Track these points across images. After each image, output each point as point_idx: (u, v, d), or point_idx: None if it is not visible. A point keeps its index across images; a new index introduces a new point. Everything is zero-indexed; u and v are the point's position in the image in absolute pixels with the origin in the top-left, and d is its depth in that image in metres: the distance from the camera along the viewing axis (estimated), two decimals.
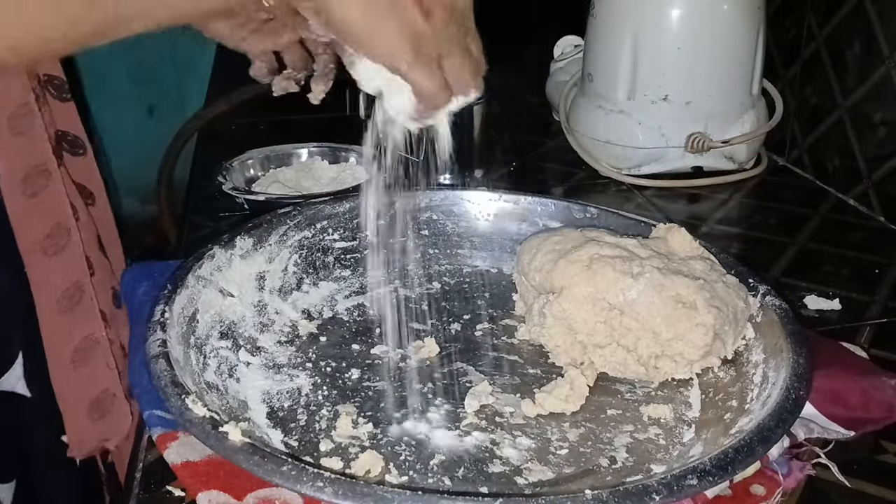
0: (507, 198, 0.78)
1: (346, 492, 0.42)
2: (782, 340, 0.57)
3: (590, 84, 1.03)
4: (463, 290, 0.74)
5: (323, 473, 0.43)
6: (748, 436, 0.48)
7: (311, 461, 0.52)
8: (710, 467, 0.45)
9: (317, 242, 0.74)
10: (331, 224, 0.75)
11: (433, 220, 0.78)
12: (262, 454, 0.44)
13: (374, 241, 0.72)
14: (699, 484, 0.44)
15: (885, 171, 0.90)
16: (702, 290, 0.59)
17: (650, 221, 0.71)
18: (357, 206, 0.75)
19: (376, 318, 0.69)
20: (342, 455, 0.53)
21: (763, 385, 0.55)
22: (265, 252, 0.70)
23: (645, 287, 0.59)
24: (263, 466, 0.44)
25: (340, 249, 0.75)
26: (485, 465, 0.52)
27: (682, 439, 0.55)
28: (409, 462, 0.52)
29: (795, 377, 0.52)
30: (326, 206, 0.75)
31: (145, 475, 0.54)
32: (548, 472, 0.52)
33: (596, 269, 0.60)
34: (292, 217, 0.73)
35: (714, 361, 0.60)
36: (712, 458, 0.46)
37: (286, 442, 0.54)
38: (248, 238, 0.69)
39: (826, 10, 0.97)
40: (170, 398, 0.49)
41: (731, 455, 0.46)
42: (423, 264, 0.77)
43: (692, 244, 0.65)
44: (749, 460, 0.47)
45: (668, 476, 0.44)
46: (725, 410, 0.55)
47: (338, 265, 0.75)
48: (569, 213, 0.76)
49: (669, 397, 0.59)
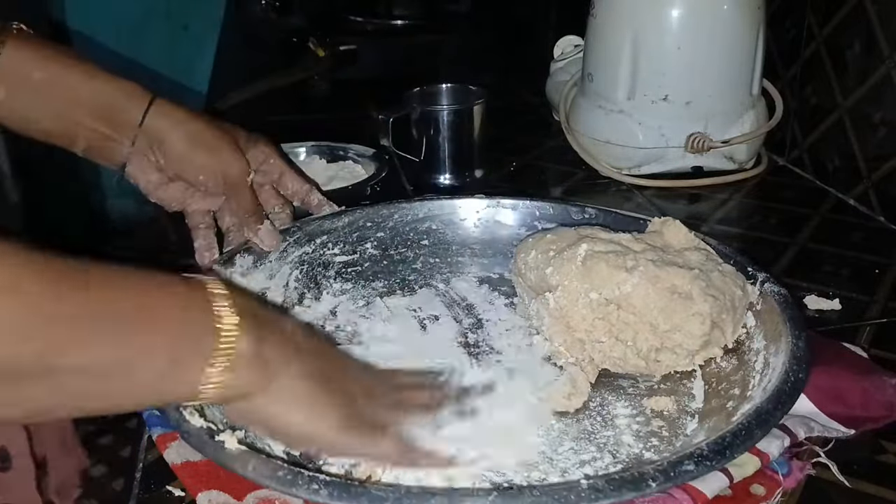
0: (504, 203, 0.78)
1: (342, 493, 0.42)
2: (781, 325, 0.57)
3: (590, 84, 1.03)
4: (467, 295, 0.74)
5: (318, 476, 0.43)
6: (746, 419, 0.47)
7: (312, 466, 0.52)
8: (707, 452, 0.44)
9: (317, 258, 0.74)
10: (330, 239, 0.75)
11: (433, 230, 0.78)
12: (257, 460, 0.44)
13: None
14: (696, 469, 0.44)
15: (885, 171, 0.90)
16: (697, 280, 0.59)
17: (649, 218, 0.71)
18: (356, 220, 0.75)
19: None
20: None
21: (764, 371, 0.55)
22: (265, 269, 0.70)
23: (640, 280, 0.59)
24: (259, 472, 0.44)
25: (341, 263, 0.75)
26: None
27: (686, 430, 0.56)
28: None
29: (794, 360, 0.53)
30: (325, 222, 0.75)
31: (145, 475, 0.54)
32: (550, 469, 0.52)
33: (590, 265, 0.60)
34: (292, 233, 0.72)
35: (716, 352, 0.60)
36: (709, 442, 0.45)
37: (288, 452, 0.53)
38: (247, 256, 0.69)
39: (826, 10, 0.97)
40: (168, 411, 0.49)
41: (729, 439, 0.46)
42: (423, 274, 0.77)
43: (687, 236, 0.65)
44: (747, 444, 0.46)
45: (664, 462, 0.44)
46: (728, 399, 0.56)
47: (339, 279, 0.75)
48: (567, 215, 0.76)
49: (672, 389, 0.60)
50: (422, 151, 0.99)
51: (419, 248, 0.78)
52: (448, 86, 1.03)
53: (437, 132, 0.98)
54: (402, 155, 1.00)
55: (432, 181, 1.00)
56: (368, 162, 0.97)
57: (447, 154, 0.99)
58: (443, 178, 1.00)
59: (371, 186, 0.91)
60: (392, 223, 0.77)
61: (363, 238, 0.76)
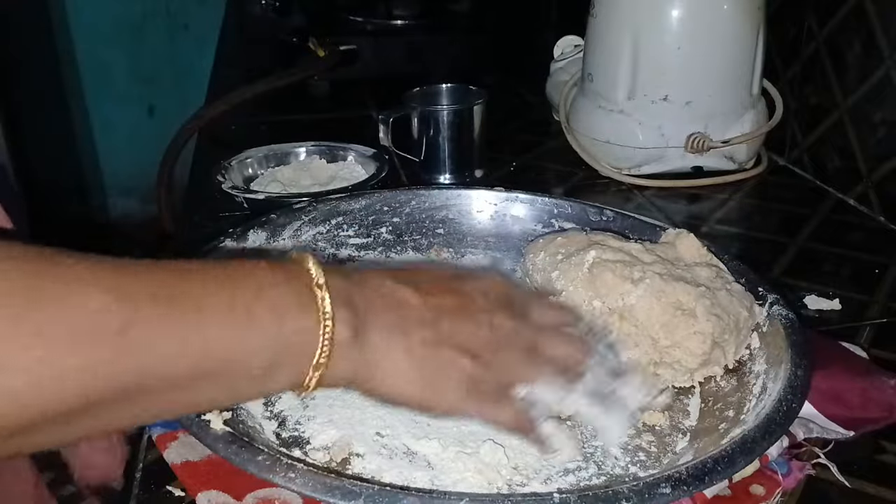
0: (522, 198, 0.78)
1: (316, 484, 0.42)
2: (784, 351, 0.56)
3: (590, 84, 1.03)
4: None
5: (295, 465, 0.43)
6: (731, 446, 0.46)
7: (300, 454, 0.52)
8: (685, 476, 0.44)
9: (331, 238, 0.74)
10: (346, 220, 0.75)
11: (449, 219, 0.78)
12: (240, 444, 0.45)
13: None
14: (672, 493, 0.43)
15: (885, 171, 0.90)
16: (702, 298, 0.58)
17: (666, 225, 0.71)
18: (372, 204, 0.75)
19: None
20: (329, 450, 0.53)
21: (761, 396, 0.54)
22: (278, 247, 0.69)
23: (644, 293, 0.58)
24: (240, 455, 0.44)
25: (354, 245, 0.75)
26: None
27: (675, 448, 0.55)
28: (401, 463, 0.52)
29: (790, 388, 0.51)
30: (342, 203, 0.75)
31: (145, 475, 0.54)
32: (532, 475, 0.51)
33: (596, 272, 0.60)
34: (307, 213, 0.72)
35: (716, 370, 0.59)
36: (689, 466, 0.44)
37: (278, 433, 0.55)
38: (261, 232, 0.69)
39: (826, 10, 0.97)
40: None
41: (710, 465, 0.45)
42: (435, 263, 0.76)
43: (700, 250, 0.64)
44: (729, 471, 0.46)
45: (639, 483, 0.43)
46: (722, 420, 0.55)
47: (350, 262, 0.74)
48: (584, 215, 0.75)
49: (668, 405, 0.59)
50: (422, 151, 0.99)
51: (433, 237, 0.78)
52: (448, 86, 1.03)
53: (437, 132, 0.98)
54: (402, 155, 1.00)
55: (432, 181, 1.00)
56: (368, 162, 0.97)
57: (447, 154, 0.99)
58: (443, 178, 1.00)
59: (371, 187, 0.91)
60: (409, 209, 0.77)
61: (379, 222, 0.76)
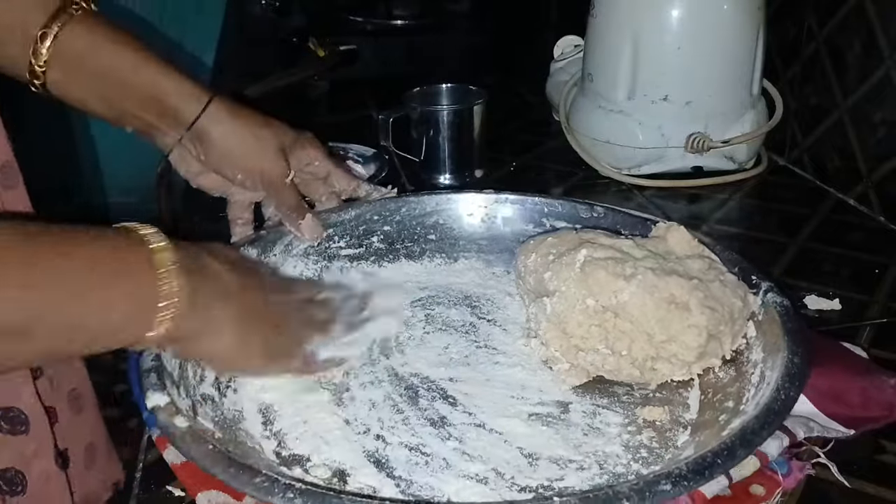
0: (512, 199, 0.78)
1: (308, 500, 0.42)
2: (780, 339, 0.56)
3: (590, 84, 1.03)
4: (467, 294, 0.73)
5: (294, 485, 0.43)
6: (730, 439, 0.46)
7: (300, 471, 0.52)
8: (685, 472, 0.43)
9: (323, 251, 0.74)
10: (337, 232, 0.74)
11: (440, 225, 0.78)
12: (238, 466, 0.45)
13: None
14: (673, 490, 0.43)
15: (885, 171, 0.90)
16: (695, 291, 0.58)
17: (657, 219, 0.71)
18: (362, 213, 0.75)
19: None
20: (329, 466, 0.53)
21: (759, 385, 0.54)
22: (270, 262, 0.69)
23: (637, 289, 0.58)
24: (238, 479, 0.44)
25: (347, 257, 0.75)
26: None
27: (677, 442, 0.54)
28: (403, 473, 0.52)
29: (787, 377, 0.52)
30: (332, 214, 0.75)
31: (145, 475, 0.54)
32: (533, 474, 0.51)
33: (588, 271, 0.59)
34: None
35: (714, 362, 0.59)
36: (689, 462, 0.44)
37: (278, 452, 0.54)
38: (251, 249, 0.69)
39: (826, 10, 0.97)
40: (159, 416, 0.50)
41: (710, 459, 0.45)
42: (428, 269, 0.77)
43: (691, 243, 0.64)
44: (729, 464, 0.46)
45: (640, 481, 0.43)
46: (721, 412, 0.55)
47: (343, 273, 0.74)
48: (575, 213, 0.75)
49: (667, 399, 0.59)
50: (422, 151, 0.99)
51: (426, 243, 0.77)
52: (448, 86, 1.03)
53: (437, 132, 0.98)
54: (402, 155, 1.00)
55: (432, 181, 1.00)
56: (368, 162, 0.97)
57: (447, 154, 0.99)
58: (443, 178, 1.00)
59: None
60: (399, 217, 0.77)
61: (370, 231, 0.76)
